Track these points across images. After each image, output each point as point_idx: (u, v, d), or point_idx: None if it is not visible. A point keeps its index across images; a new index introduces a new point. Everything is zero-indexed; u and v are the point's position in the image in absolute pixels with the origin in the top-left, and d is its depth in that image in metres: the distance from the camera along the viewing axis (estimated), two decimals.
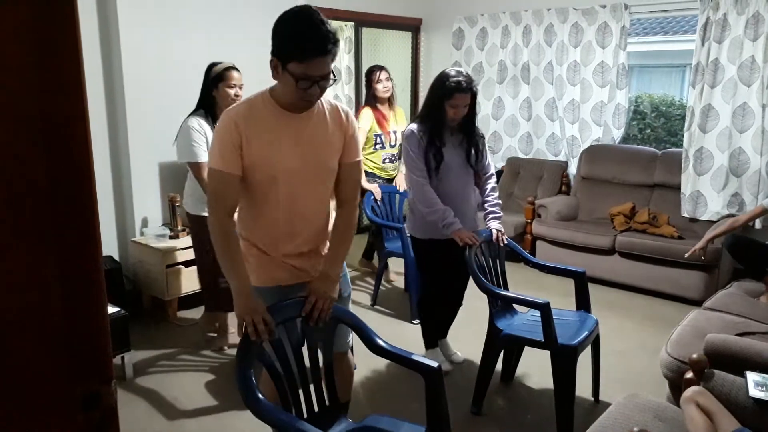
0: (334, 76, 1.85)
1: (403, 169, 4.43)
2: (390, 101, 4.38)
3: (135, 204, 4.06)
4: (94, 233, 0.90)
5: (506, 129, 5.84)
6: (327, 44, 1.74)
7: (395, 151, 4.41)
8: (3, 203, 0.81)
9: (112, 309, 3.11)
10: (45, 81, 0.82)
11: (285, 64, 1.76)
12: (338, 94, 7.06)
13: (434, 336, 3.32)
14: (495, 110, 5.85)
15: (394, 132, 4.38)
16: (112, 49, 3.90)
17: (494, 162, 5.89)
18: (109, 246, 4.05)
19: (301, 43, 1.72)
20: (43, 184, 0.84)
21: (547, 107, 5.55)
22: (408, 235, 3.31)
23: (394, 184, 4.48)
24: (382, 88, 4.30)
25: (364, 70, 5.99)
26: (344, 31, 6.71)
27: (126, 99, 3.92)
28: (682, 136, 4.76)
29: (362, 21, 5.85)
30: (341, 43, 6.87)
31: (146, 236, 4.04)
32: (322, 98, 1.94)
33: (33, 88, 0.81)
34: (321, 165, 1.97)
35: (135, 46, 3.89)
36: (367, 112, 4.34)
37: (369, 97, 4.40)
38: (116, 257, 4.09)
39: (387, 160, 4.42)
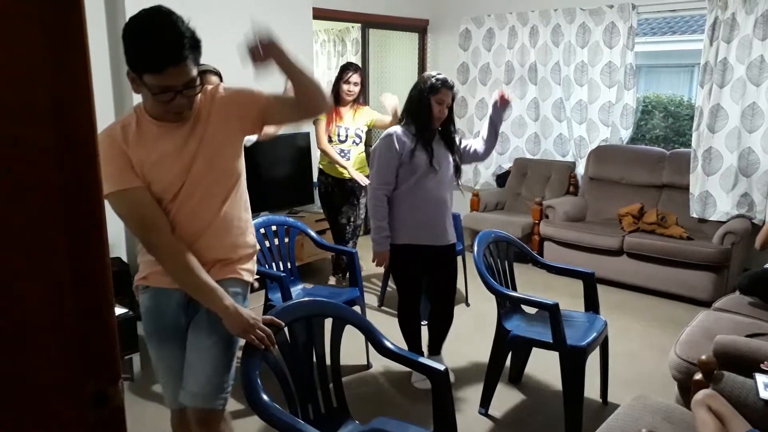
0: (201, 82, 1.67)
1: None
2: (355, 100, 4.27)
3: None
4: (101, 233, 0.90)
5: (513, 130, 5.82)
6: (180, 51, 1.54)
7: (344, 147, 4.25)
8: (11, 205, 0.81)
9: (120, 310, 3.13)
10: (54, 78, 0.83)
11: (140, 76, 1.58)
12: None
13: (418, 352, 3.19)
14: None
15: (346, 128, 4.24)
16: (121, 47, 3.91)
17: (502, 163, 5.93)
18: (118, 248, 4.07)
19: (150, 54, 1.54)
20: (51, 185, 0.84)
21: (555, 108, 5.54)
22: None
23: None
24: (346, 90, 4.17)
25: (372, 71, 6.03)
26: (351, 32, 6.72)
27: (134, 100, 3.93)
28: (691, 136, 4.74)
29: (369, 22, 5.85)
30: (348, 45, 6.89)
31: None
32: (206, 89, 1.77)
33: (44, 85, 0.82)
34: (221, 168, 1.78)
35: None
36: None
37: (333, 91, 4.22)
38: (125, 259, 4.10)
39: (339, 152, 4.26)
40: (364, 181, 4.12)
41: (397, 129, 2.94)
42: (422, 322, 3.26)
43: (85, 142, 0.87)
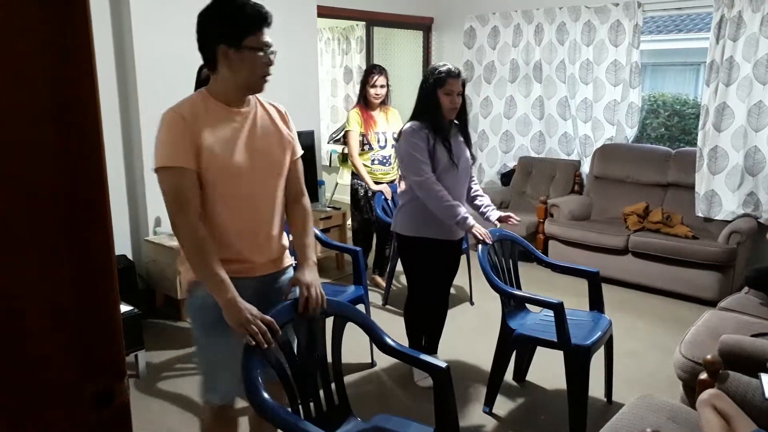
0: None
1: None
2: (383, 102, 4.31)
3: (148, 203, 4.09)
4: (107, 231, 0.91)
5: (518, 128, 5.81)
6: (268, 15, 1.83)
7: (385, 153, 4.31)
8: (18, 201, 0.82)
9: (125, 307, 3.14)
10: (58, 80, 0.83)
11: (240, 44, 1.77)
12: (350, 94, 7.09)
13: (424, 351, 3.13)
14: (507, 109, 5.83)
15: (383, 133, 4.29)
16: (125, 48, 3.93)
17: (506, 161, 5.92)
18: (123, 245, 4.09)
19: (250, 17, 1.78)
20: (56, 182, 0.84)
21: (560, 106, 5.52)
22: (394, 233, 3.14)
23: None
24: (374, 93, 4.21)
25: None
26: (355, 30, 6.72)
27: (139, 99, 3.95)
28: (696, 135, 4.72)
29: (373, 20, 5.85)
30: (352, 43, 6.89)
31: (159, 235, 4.07)
32: (259, 97, 1.96)
33: (47, 87, 0.82)
34: (274, 160, 1.95)
35: (148, 45, 3.92)
36: (354, 114, 4.29)
37: (360, 96, 4.33)
38: (130, 256, 4.12)
39: (376, 162, 4.31)
40: (388, 192, 4.22)
41: (413, 123, 2.89)
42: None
43: (90, 140, 0.87)
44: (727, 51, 4.37)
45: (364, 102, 4.28)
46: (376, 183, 4.32)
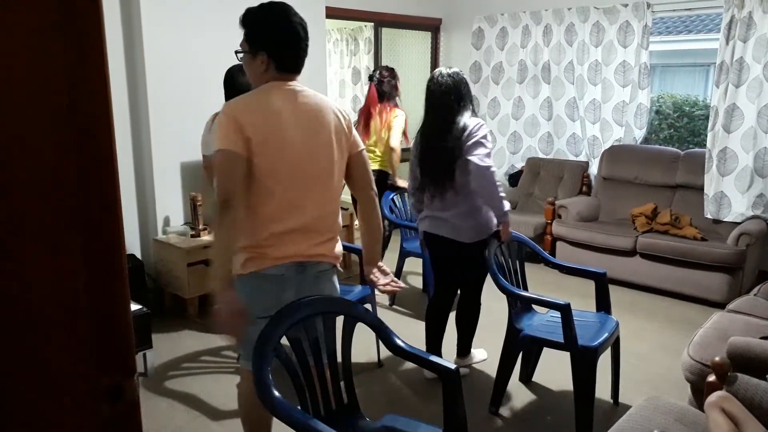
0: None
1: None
2: None
3: (157, 203, 4.11)
4: (118, 230, 0.92)
5: (526, 129, 5.80)
6: None
7: None
8: (30, 201, 0.83)
9: (134, 306, 3.16)
10: (70, 78, 0.84)
11: None
12: (357, 95, 7.10)
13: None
14: (515, 110, 5.82)
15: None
16: (135, 49, 3.95)
17: (514, 162, 5.91)
18: (132, 244, 4.11)
19: None
20: (68, 182, 0.85)
21: (568, 107, 5.51)
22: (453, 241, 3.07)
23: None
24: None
25: None
26: (364, 31, 6.72)
27: (149, 100, 3.97)
28: (705, 136, 4.69)
29: (382, 21, 5.86)
30: (361, 44, 6.90)
31: (168, 235, 4.09)
32: None
33: (58, 86, 0.83)
34: None
35: (158, 46, 3.94)
36: (402, 114, 4.36)
37: (395, 97, 4.38)
38: (138, 255, 4.14)
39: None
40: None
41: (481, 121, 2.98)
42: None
43: (102, 140, 0.88)
44: (737, 52, 4.34)
45: (384, 96, 4.34)
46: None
